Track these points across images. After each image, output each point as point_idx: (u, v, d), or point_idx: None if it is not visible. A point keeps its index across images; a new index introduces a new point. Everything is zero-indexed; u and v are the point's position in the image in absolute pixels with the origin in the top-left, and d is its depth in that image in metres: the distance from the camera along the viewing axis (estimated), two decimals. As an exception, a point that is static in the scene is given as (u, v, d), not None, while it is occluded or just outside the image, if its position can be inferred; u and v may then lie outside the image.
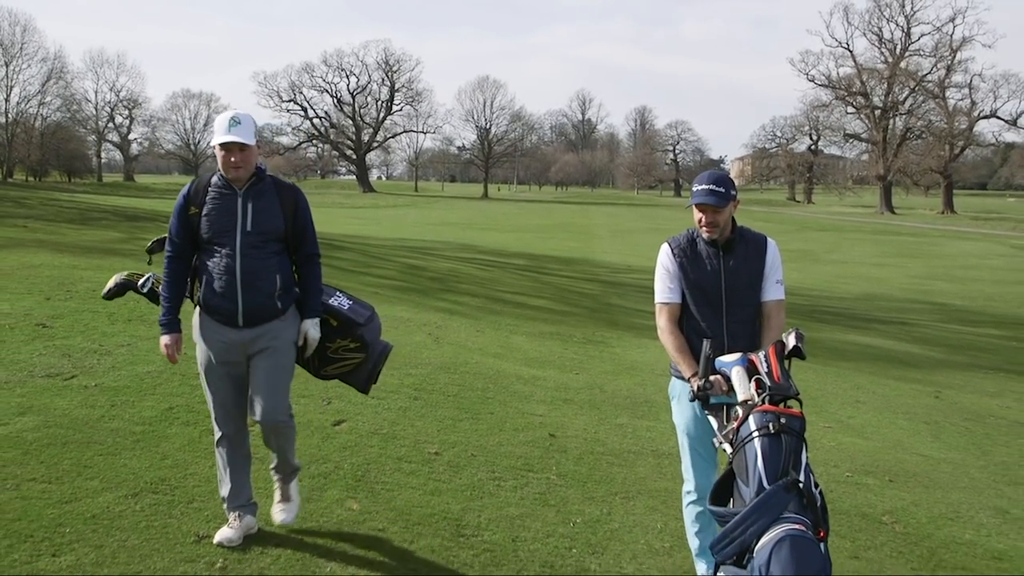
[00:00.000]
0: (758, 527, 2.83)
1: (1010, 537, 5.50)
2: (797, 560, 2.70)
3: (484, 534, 4.35)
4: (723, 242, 3.87)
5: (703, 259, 3.87)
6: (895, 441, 7.94)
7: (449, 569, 3.92)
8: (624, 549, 4.39)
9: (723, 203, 3.74)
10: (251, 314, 3.90)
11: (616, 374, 9.24)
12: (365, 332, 4.18)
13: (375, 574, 3.78)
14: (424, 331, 10.21)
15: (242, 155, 3.86)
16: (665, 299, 3.90)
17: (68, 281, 10.40)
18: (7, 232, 16.04)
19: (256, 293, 3.89)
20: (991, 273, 28.36)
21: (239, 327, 3.92)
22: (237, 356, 3.97)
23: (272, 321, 3.95)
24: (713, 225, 3.79)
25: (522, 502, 4.88)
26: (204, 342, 4.00)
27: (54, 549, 3.68)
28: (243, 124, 3.86)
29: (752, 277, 3.88)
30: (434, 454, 5.54)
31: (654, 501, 5.19)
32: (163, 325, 4.01)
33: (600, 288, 18.45)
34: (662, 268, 3.93)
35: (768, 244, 3.95)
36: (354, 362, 4.20)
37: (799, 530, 2.78)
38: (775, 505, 2.85)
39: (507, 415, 6.76)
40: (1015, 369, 12.95)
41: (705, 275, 3.85)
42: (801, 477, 2.95)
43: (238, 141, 3.81)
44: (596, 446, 6.21)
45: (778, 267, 3.92)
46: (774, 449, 2.97)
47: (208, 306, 3.95)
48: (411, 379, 7.51)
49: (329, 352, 4.17)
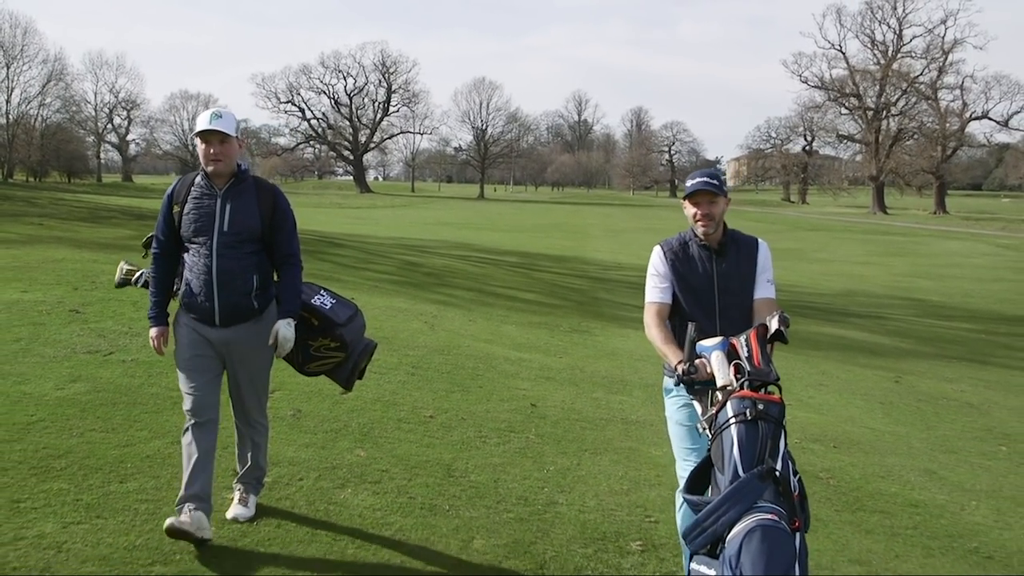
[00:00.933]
0: (729, 517, 2.81)
1: (931, 491, 6.33)
2: (768, 552, 2.67)
3: (471, 476, 5.19)
4: (715, 245, 3.90)
5: (696, 262, 3.89)
6: (847, 417, 8.76)
7: (441, 499, 4.74)
8: (588, 490, 5.23)
9: (718, 192, 3.81)
10: (227, 313, 3.98)
11: (596, 358, 10.08)
12: (345, 332, 4.26)
13: (380, 501, 4.61)
14: (420, 319, 11.04)
15: (222, 147, 3.92)
16: (655, 299, 3.91)
17: (91, 273, 11.22)
18: (26, 230, 16.88)
19: (232, 293, 3.96)
20: (973, 271, 29.20)
21: (216, 326, 4.01)
22: (213, 353, 4.05)
23: (248, 321, 4.05)
24: (708, 217, 3.82)
25: (504, 454, 5.71)
26: (181, 338, 4.09)
27: (120, 478, 4.52)
28: (224, 118, 3.95)
29: (744, 280, 3.90)
30: (429, 417, 6.38)
31: (618, 456, 6.02)
32: (151, 319, 4.16)
33: (589, 284, 19.30)
34: (653, 270, 3.96)
35: (760, 245, 3.98)
36: (335, 360, 4.31)
37: (772, 520, 2.75)
38: (748, 494, 2.82)
39: (494, 389, 7.60)
40: (977, 359, 13.79)
41: (698, 278, 3.87)
42: (778, 465, 2.91)
43: (218, 130, 3.89)
44: (572, 414, 7.05)
45: (769, 267, 3.96)
46: (750, 436, 2.95)
47: (187, 304, 4.04)
48: (409, 359, 8.34)
49: (311, 350, 4.27)
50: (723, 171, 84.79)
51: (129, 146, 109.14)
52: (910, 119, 77.12)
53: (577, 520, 4.68)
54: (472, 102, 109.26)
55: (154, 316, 4.15)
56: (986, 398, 10.66)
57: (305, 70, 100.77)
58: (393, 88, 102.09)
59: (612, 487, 5.33)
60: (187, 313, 4.06)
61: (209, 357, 4.04)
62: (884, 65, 76.44)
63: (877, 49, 78.08)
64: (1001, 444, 8.28)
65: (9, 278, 10.45)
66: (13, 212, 21.37)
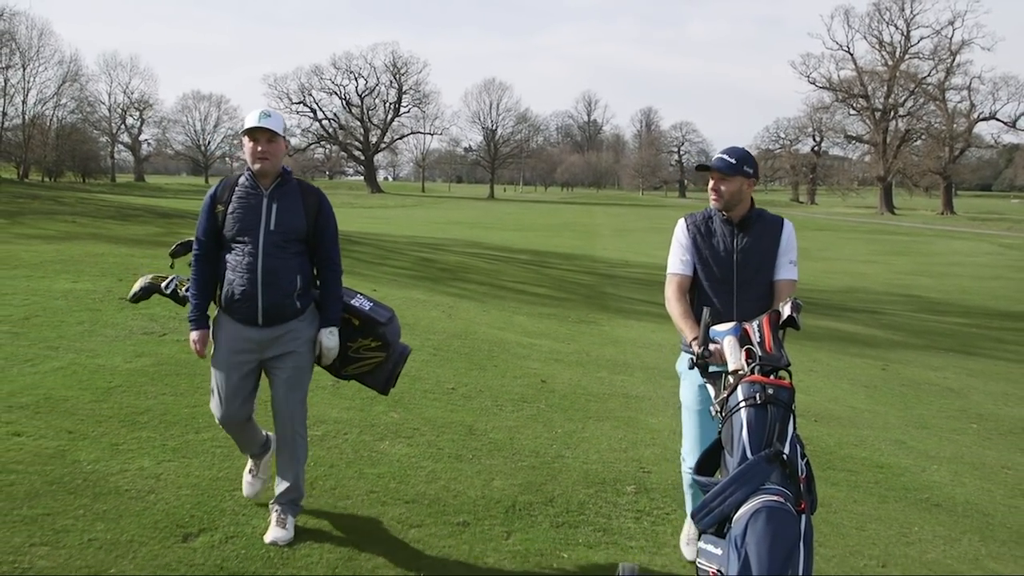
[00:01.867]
0: (736, 498, 2.86)
1: (897, 457, 7.10)
2: (773, 532, 2.72)
3: (489, 434, 6.00)
4: (739, 220, 3.94)
5: (717, 236, 3.95)
6: (832, 397, 9.53)
7: (465, 451, 5.56)
8: (591, 447, 6.03)
9: (730, 171, 3.85)
10: (270, 313, 3.98)
11: (602, 344, 10.88)
12: (386, 331, 4.25)
13: (413, 451, 5.43)
14: (438, 309, 11.86)
15: (269, 145, 3.96)
16: (676, 270, 3.99)
17: (132, 267, 12.07)
18: (62, 227, 17.80)
19: (276, 292, 3.96)
20: (973, 269, 29.84)
21: (259, 326, 4.00)
22: (252, 355, 4.05)
23: (291, 320, 4.04)
24: (716, 192, 3.90)
25: (518, 419, 6.53)
26: (221, 340, 4.10)
27: (195, 429, 5.37)
28: (273, 117, 4.00)
29: (765, 257, 3.92)
30: (451, 389, 7.20)
31: (618, 423, 6.83)
32: (191, 322, 4.12)
33: (597, 279, 20.10)
34: (676, 241, 4.03)
35: (784, 225, 4.00)
36: (375, 361, 4.28)
37: (777, 502, 2.80)
38: (756, 476, 2.88)
39: (508, 368, 8.42)
40: (966, 350, 14.52)
41: (718, 252, 3.92)
42: (786, 449, 2.98)
43: (267, 127, 3.93)
44: (578, 389, 7.86)
45: (793, 248, 3.97)
46: (759, 420, 3.00)
47: (229, 304, 4.02)
48: (430, 342, 9.16)
49: (350, 352, 4.24)
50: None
51: (141, 146, 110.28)
52: (918, 119, 77.56)
53: (581, 469, 5.49)
54: (482, 103, 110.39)
55: (195, 319, 4.11)
56: (967, 384, 11.40)
57: (317, 71, 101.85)
58: (404, 89, 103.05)
59: (612, 446, 6.13)
60: (228, 314, 4.06)
61: (248, 361, 4.05)
62: (892, 66, 76.93)
63: (885, 50, 78.62)
64: (973, 423, 9.04)
65: (59, 270, 11.32)
66: (45, 210, 22.31)
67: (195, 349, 4.12)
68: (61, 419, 5.28)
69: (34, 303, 8.86)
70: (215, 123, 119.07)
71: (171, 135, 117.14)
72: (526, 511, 4.63)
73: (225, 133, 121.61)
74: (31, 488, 4.23)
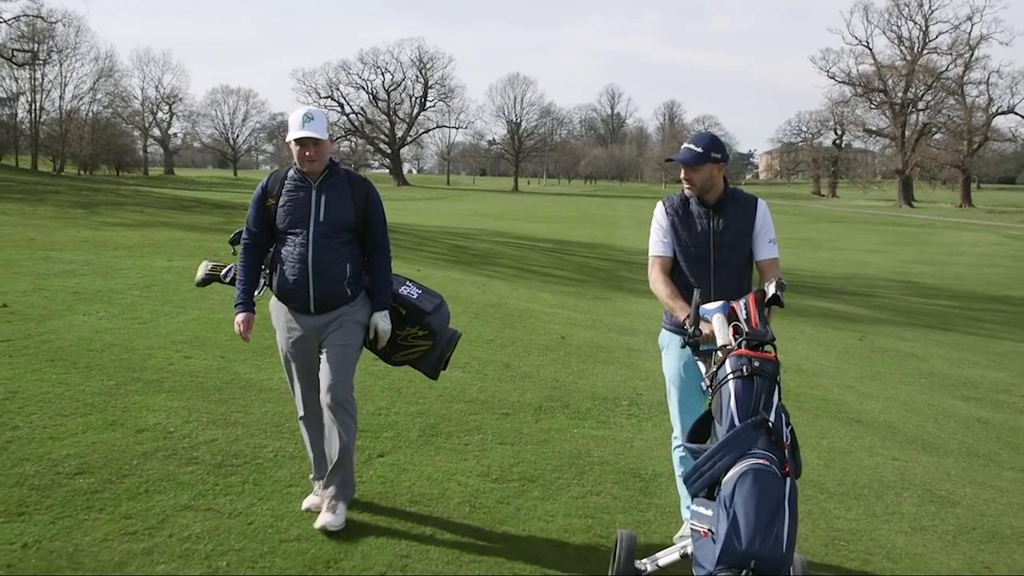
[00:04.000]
0: (725, 462, 3.06)
1: (843, 395, 8.94)
2: (759, 492, 2.91)
3: (521, 368, 7.96)
4: (714, 202, 4.07)
5: (694, 218, 4.08)
6: (806, 357, 11.35)
7: (504, 378, 7.50)
8: (598, 378, 7.97)
9: (696, 162, 3.99)
10: (322, 301, 4.12)
11: (614, 315, 12.81)
12: (433, 320, 4.37)
13: (465, 375, 7.39)
14: (474, 286, 13.83)
15: (316, 149, 4.08)
16: (658, 252, 4.15)
17: (210, 250, 14.09)
18: (134, 216, 19.97)
19: (327, 281, 4.10)
20: (973, 258, 31.28)
21: (311, 314, 4.15)
22: (311, 342, 4.21)
23: (343, 307, 4.18)
24: (690, 182, 4.06)
25: (542, 362, 8.47)
26: (281, 329, 4.28)
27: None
28: (316, 120, 4.08)
29: (740, 237, 4.08)
30: (490, 340, 9.16)
31: (621, 366, 8.75)
32: (237, 305, 4.26)
33: (614, 265, 22.02)
34: (656, 224, 4.19)
35: (758, 204, 4.14)
36: (422, 349, 4.41)
37: (763, 464, 2.99)
38: (743, 442, 3.07)
39: (534, 328, 10.37)
40: (943, 327, 16.25)
41: (695, 233, 4.06)
42: (771, 417, 3.16)
43: (312, 136, 4.04)
44: (591, 343, 9.80)
45: (769, 226, 4.13)
46: (746, 390, 3.19)
47: (282, 293, 4.19)
48: (470, 309, 11.11)
49: (399, 339, 4.36)
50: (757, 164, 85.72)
51: (171, 140, 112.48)
52: (937, 113, 78.35)
53: (589, 390, 7.43)
54: (507, 97, 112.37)
55: (241, 303, 4.25)
56: (931, 351, 13.19)
57: (344, 66, 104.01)
58: (430, 83, 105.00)
59: (614, 378, 8.07)
60: (282, 303, 4.23)
61: (307, 348, 4.23)
62: (910, 61, 77.85)
63: (903, 45, 79.58)
64: (923, 378, 10.85)
65: (151, 252, 13.36)
66: (112, 202, 24.53)
67: (239, 331, 4.28)
68: (212, 350, 7.29)
69: (148, 276, 10.88)
70: (243, 117, 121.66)
71: (200, 128, 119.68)
72: (548, 409, 6.59)
73: (253, 127, 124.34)
74: (215, 385, 6.23)
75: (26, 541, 3.60)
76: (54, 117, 78.08)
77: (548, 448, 5.63)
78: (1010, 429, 8.41)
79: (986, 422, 8.61)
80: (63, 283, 9.56)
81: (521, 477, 5.01)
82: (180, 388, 5.99)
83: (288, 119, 4.21)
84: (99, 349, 6.90)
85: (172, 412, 5.48)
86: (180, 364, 6.68)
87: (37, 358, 6.38)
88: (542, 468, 5.21)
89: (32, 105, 75.01)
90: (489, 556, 3.94)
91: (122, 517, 3.92)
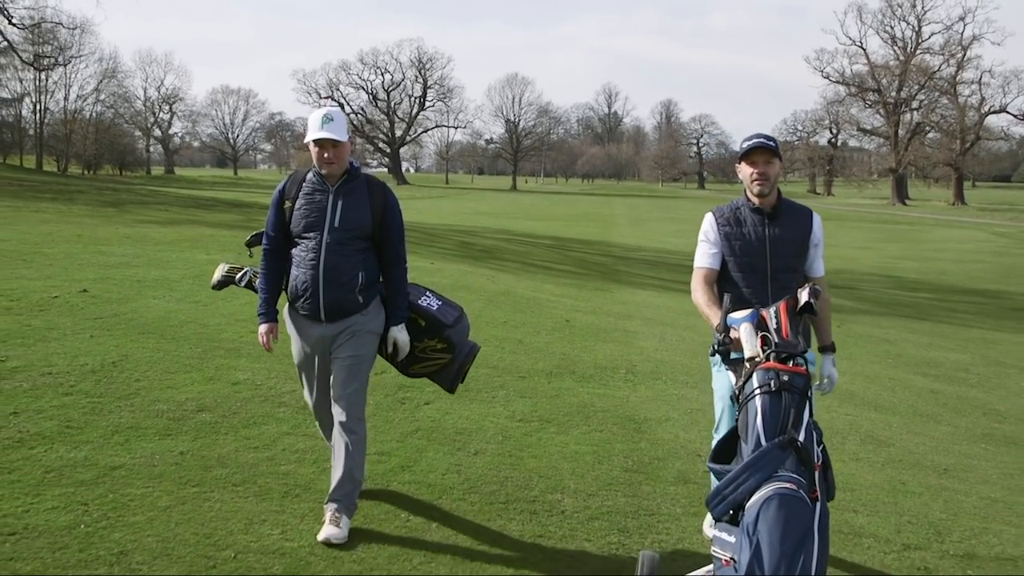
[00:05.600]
0: (749, 485, 2.89)
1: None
2: (785, 519, 2.76)
3: (533, 344, 9.22)
4: (768, 208, 3.94)
5: (748, 227, 3.95)
6: (785, 340, 12.63)
7: (518, 351, 8.75)
8: (599, 353, 9.23)
9: (776, 150, 3.87)
10: (332, 308, 4.03)
11: (612, 304, 14.07)
12: (452, 333, 4.27)
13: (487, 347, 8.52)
14: (483, 278, 15.08)
15: (335, 151, 4.01)
16: (703, 264, 4.02)
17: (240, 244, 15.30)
18: (163, 215, 21.22)
19: (337, 288, 4.00)
20: (958, 254, 32.47)
21: (322, 321, 4.07)
22: (322, 351, 4.16)
23: (354, 315, 4.08)
24: (764, 177, 3.87)
25: (550, 339, 9.73)
26: (294, 336, 4.24)
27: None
28: (335, 121, 4.01)
29: (797, 245, 3.95)
30: (504, 322, 10.42)
31: (619, 344, 10.01)
32: (260, 315, 4.22)
33: (612, 260, 23.27)
34: (704, 236, 4.04)
35: (814, 217, 4.04)
36: (441, 362, 4.32)
37: (790, 489, 2.83)
38: (769, 463, 2.91)
39: (541, 312, 11.63)
40: (919, 317, 17.48)
41: (750, 243, 3.92)
42: (801, 436, 2.99)
43: (331, 138, 3.97)
44: (592, 326, 11.07)
45: (822, 240, 4.04)
46: (774, 407, 3.03)
47: (293, 300, 4.14)
48: (482, 296, 12.36)
49: (416, 352, 4.26)
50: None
51: (171, 139, 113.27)
52: (930, 111, 79.41)
53: (591, 361, 8.69)
54: (505, 97, 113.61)
55: (263, 313, 4.22)
56: (903, 337, 14.45)
57: (344, 66, 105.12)
58: (429, 84, 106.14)
59: (613, 353, 9.33)
60: (295, 309, 4.18)
61: (318, 356, 4.20)
62: (903, 61, 79.03)
63: (896, 45, 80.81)
64: (890, 359, 12.13)
65: (189, 247, 14.58)
66: (137, 201, 25.75)
67: (263, 342, 4.24)
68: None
69: (194, 267, 12.09)
70: (244, 117, 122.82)
71: (200, 128, 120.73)
72: (558, 374, 7.86)
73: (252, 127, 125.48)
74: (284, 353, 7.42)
75: (181, 451, 4.87)
76: (58, 118, 78.92)
77: (559, 401, 6.90)
78: (958, 398, 9.69)
79: (938, 392, 9.89)
80: (124, 273, 10.78)
81: (539, 419, 6.29)
82: (255, 355, 7.19)
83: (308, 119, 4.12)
84: (178, 325, 8.13)
85: (255, 371, 6.72)
86: (249, 337, 7.87)
87: (130, 332, 7.61)
88: (555, 414, 6.48)
89: (37, 106, 75.95)
90: (520, 468, 5.19)
91: (243, 438, 5.19)
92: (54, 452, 4.65)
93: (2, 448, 4.62)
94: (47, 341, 6.92)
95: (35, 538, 3.69)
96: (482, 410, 6.36)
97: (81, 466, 4.50)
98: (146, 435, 5.07)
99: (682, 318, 12.84)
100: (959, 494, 5.72)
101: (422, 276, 8.81)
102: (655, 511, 4.68)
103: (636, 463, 5.46)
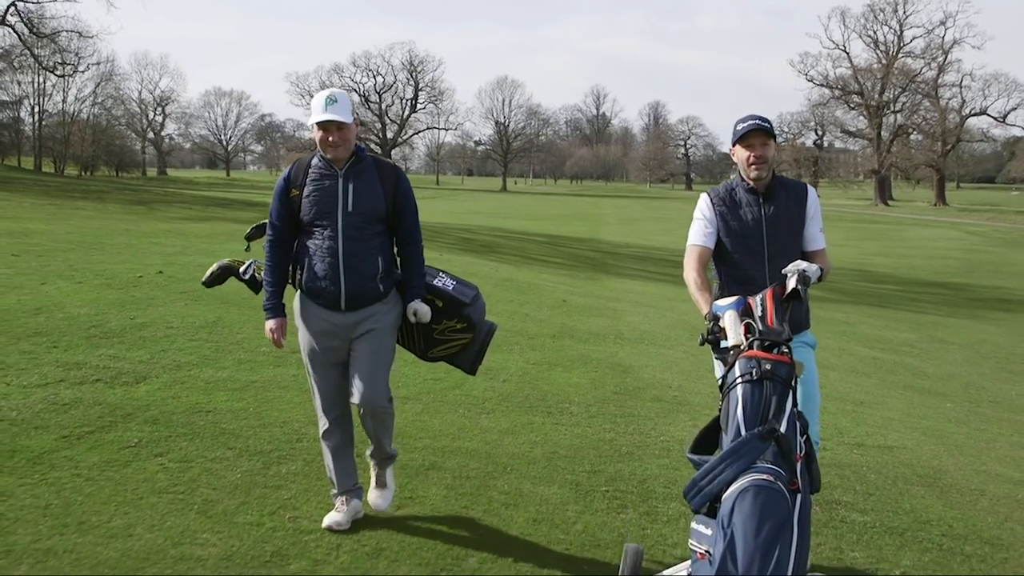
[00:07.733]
0: (725, 476, 2.85)
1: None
2: (760, 512, 2.70)
3: (537, 318, 11.03)
4: (763, 189, 3.88)
5: (743, 207, 3.89)
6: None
7: (525, 322, 10.53)
8: (592, 324, 11.04)
9: (772, 132, 3.82)
10: (353, 297, 3.90)
11: (603, 290, 15.92)
12: (471, 312, 4.16)
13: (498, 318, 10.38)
14: (487, 267, 16.91)
15: (340, 133, 3.86)
16: (696, 241, 3.92)
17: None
18: (189, 212, 22.99)
19: (359, 276, 3.88)
20: (929, 251, 34.16)
21: (342, 311, 3.93)
22: (340, 341, 3.99)
23: (374, 304, 3.96)
24: (762, 160, 3.82)
25: (551, 314, 11.54)
26: (306, 327, 4.03)
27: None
28: (340, 102, 3.88)
29: (793, 224, 3.88)
30: (510, 301, 12.24)
31: (609, 319, 11.84)
32: (267, 310, 4.05)
33: (601, 255, 25.15)
34: (699, 214, 3.95)
35: (809, 191, 3.97)
36: (461, 343, 4.21)
37: (766, 480, 2.78)
38: (747, 453, 2.86)
39: (542, 294, 13.45)
40: (882, 305, 19.31)
41: (745, 223, 3.87)
42: (782, 426, 2.94)
43: (335, 119, 3.83)
44: (587, 305, 12.90)
45: (819, 214, 3.95)
46: (755, 396, 2.98)
47: (310, 290, 3.96)
48: (489, 282, 14.14)
49: (435, 334, 4.15)
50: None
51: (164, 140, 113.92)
52: (912, 113, 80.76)
53: (586, 329, 10.51)
54: (495, 99, 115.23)
55: (271, 307, 4.06)
56: (862, 320, 16.30)
57: (337, 69, 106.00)
58: (420, 86, 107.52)
59: (603, 324, 11.14)
60: (310, 300, 4.01)
61: (338, 349, 4.02)
62: (886, 64, 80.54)
63: (879, 49, 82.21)
64: (845, 336, 13.95)
65: (225, 239, 16.32)
66: (159, 201, 27.49)
67: (272, 339, 4.08)
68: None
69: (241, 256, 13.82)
70: (236, 118, 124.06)
71: (193, 129, 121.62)
72: (560, 337, 9.69)
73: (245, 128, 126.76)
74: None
75: (292, 375, 6.63)
76: (56, 120, 79.94)
77: (563, 353, 8.73)
78: (894, 363, 11.53)
79: (878, 359, 11.73)
80: (183, 259, 12.51)
81: (548, 363, 8.12)
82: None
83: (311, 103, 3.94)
84: (250, 297, 9.84)
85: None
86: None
87: (214, 302, 9.32)
88: (561, 360, 8.32)
89: (35, 108, 77.16)
90: (538, 389, 7.00)
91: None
92: (205, 372, 6.47)
93: (166, 370, 6.40)
94: (155, 307, 8.69)
95: (224, 413, 5.48)
96: (503, 357, 8.15)
97: (229, 380, 6.31)
98: (263, 365, 6.86)
99: (664, 302, 14.69)
100: (864, 415, 7.56)
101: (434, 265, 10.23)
102: (636, 414, 6.49)
103: (623, 389, 7.27)
